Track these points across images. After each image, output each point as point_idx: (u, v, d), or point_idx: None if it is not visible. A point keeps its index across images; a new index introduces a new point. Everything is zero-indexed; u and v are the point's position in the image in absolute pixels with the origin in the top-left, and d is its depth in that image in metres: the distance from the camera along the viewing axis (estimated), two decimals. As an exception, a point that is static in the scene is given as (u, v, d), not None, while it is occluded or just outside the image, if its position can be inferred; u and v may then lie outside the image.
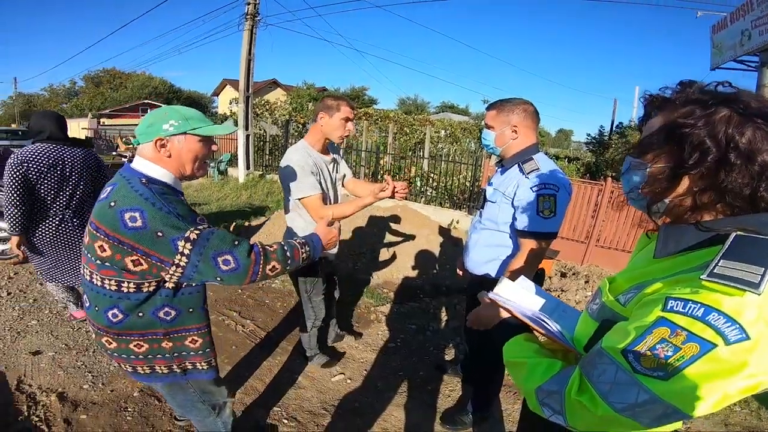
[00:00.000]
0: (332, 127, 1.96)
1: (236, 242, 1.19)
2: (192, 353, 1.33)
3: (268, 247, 1.26)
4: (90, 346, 2.57)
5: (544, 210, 1.52)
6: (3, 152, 3.91)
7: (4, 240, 3.78)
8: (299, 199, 1.94)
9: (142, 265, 1.14)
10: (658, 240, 0.75)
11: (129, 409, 2.05)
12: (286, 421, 2.07)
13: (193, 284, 1.26)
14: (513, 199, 1.62)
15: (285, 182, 1.97)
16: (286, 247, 1.29)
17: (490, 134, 1.70)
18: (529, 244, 1.60)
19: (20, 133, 12.22)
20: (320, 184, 1.98)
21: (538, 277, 1.83)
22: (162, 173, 1.22)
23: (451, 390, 2.44)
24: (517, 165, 1.64)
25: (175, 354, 1.31)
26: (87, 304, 1.26)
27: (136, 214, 1.09)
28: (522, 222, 1.59)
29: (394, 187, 1.91)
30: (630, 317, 0.71)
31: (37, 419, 1.95)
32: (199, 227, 1.15)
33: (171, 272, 1.14)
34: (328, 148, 2.13)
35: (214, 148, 1.32)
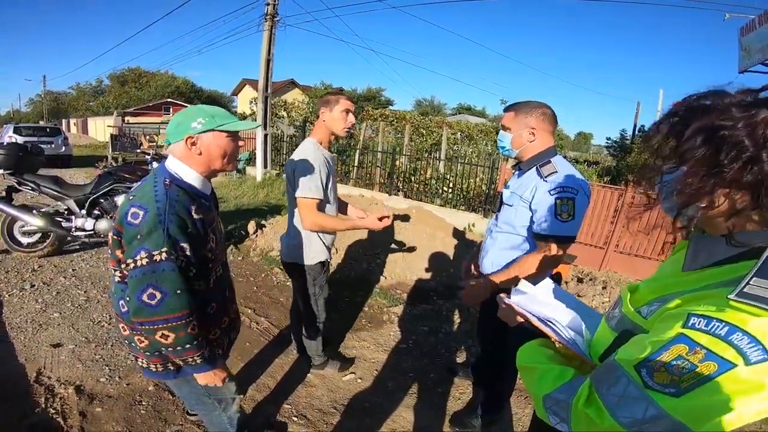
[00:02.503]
0: (334, 120, 1.97)
1: (179, 292, 1.15)
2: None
3: (187, 326, 1.18)
4: (109, 340, 2.63)
5: (562, 213, 1.50)
6: (31, 148, 4.05)
7: (30, 233, 3.93)
8: (299, 197, 1.92)
9: None
10: (687, 250, 0.72)
11: (143, 403, 2.10)
12: (296, 419, 2.08)
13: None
14: (531, 203, 1.60)
15: (296, 176, 1.93)
16: (195, 343, 1.21)
17: (507, 136, 1.68)
18: (546, 248, 1.58)
19: (48, 129, 12.63)
20: (326, 182, 1.98)
21: (555, 281, 1.81)
22: (189, 173, 1.27)
23: (461, 393, 2.41)
24: (534, 168, 1.62)
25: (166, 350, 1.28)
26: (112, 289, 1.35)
27: (141, 212, 1.14)
28: (540, 225, 1.57)
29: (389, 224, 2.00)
30: (650, 330, 0.69)
31: (53, 411, 2.00)
32: (172, 254, 1.13)
33: (121, 269, 1.21)
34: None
35: (240, 143, 1.35)
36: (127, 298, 1.16)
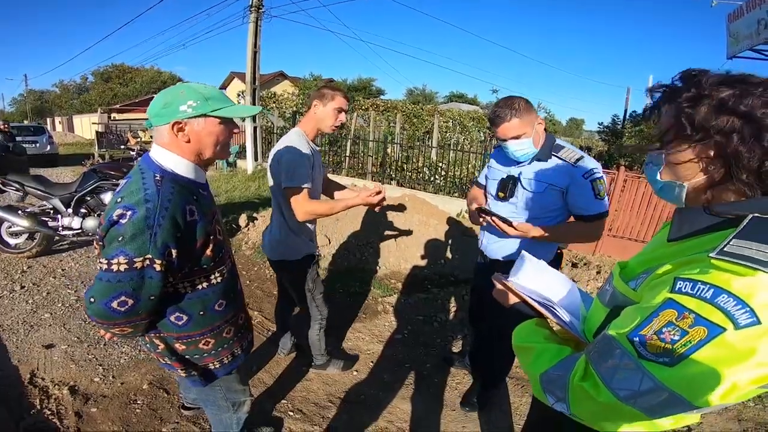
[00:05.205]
0: (325, 116, 1.90)
1: (152, 297, 1.06)
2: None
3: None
4: (101, 339, 2.60)
5: (599, 193, 1.63)
6: (13, 148, 3.95)
7: (17, 234, 3.86)
8: (286, 186, 1.82)
9: None
10: (672, 223, 0.74)
11: (138, 402, 2.08)
12: (292, 414, 2.08)
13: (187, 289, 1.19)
14: (567, 188, 1.66)
15: (281, 166, 1.84)
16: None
17: (526, 141, 1.63)
18: (592, 225, 1.69)
19: (32, 129, 12.37)
20: (311, 174, 1.90)
21: (558, 259, 1.91)
22: (180, 163, 1.13)
23: (457, 382, 2.42)
24: (553, 156, 1.68)
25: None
26: None
27: (127, 213, 1.01)
28: (583, 207, 1.67)
29: (384, 197, 1.90)
30: (640, 301, 0.69)
31: (49, 413, 1.97)
32: (156, 261, 1.02)
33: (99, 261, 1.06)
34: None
35: (235, 131, 1.21)
36: (92, 299, 1.02)
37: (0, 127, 7.97)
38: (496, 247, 1.90)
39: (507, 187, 1.79)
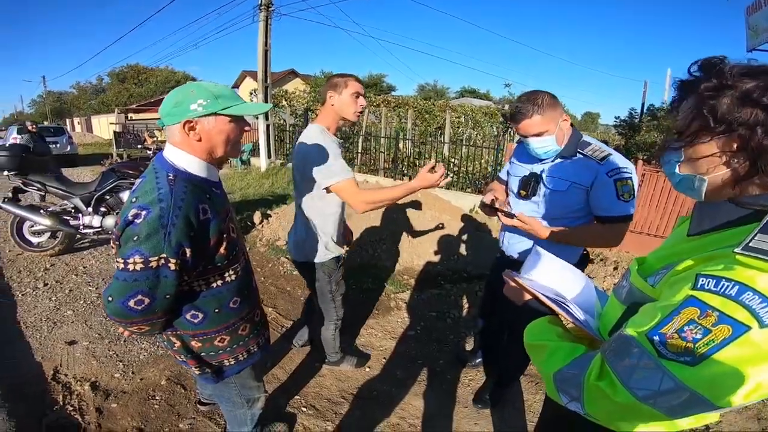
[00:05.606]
0: (344, 104, 1.83)
1: (167, 296, 1.08)
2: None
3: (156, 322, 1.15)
4: (121, 336, 2.66)
5: (624, 194, 1.53)
6: (34, 148, 4.07)
7: (39, 233, 3.97)
8: (330, 186, 1.75)
9: None
10: (692, 216, 0.72)
11: (156, 398, 2.12)
12: (305, 410, 2.10)
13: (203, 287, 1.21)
14: (590, 187, 1.58)
15: (313, 165, 1.76)
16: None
17: (549, 138, 1.55)
18: (611, 229, 1.61)
19: (52, 129, 12.68)
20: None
21: (583, 261, 1.82)
22: (192, 162, 1.14)
23: (470, 379, 2.41)
24: (578, 153, 1.60)
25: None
26: None
27: (142, 213, 1.02)
28: (604, 208, 1.58)
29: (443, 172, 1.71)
30: (659, 298, 0.68)
31: (71, 408, 2.03)
32: (171, 260, 1.04)
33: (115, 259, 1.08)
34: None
35: (246, 128, 1.21)
36: (110, 298, 1.04)
37: (29, 128, 8.20)
38: (516, 246, 1.84)
39: (529, 186, 1.70)
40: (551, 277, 0.98)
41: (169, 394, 2.15)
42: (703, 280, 0.58)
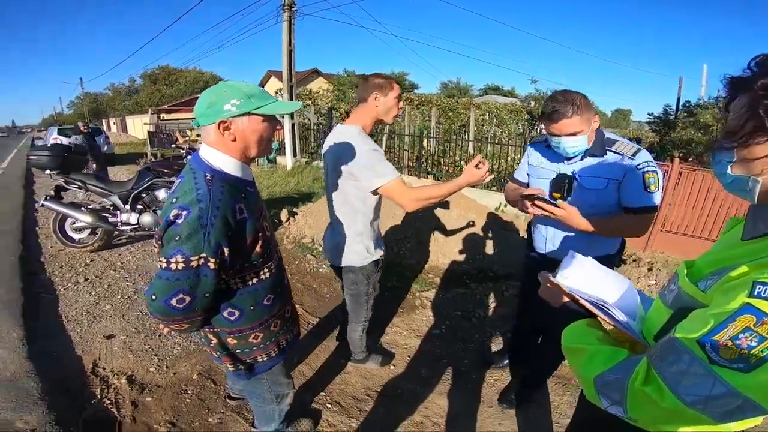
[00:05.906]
0: (387, 107, 1.81)
1: (207, 294, 1.11)
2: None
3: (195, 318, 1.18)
4: (157, 330, 2.75)
5: (650, 186, 1.59)
6: (74, 148, 4.29)
7: (80, 229, 4.18)
8: (380, 187, 1.72)
9: None
10: (747, 220, 0.70)
11: (188, 392, 2.19)
12: (330, 406, 2.13)
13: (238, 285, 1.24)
14: (622, 182, 1.63)
15: (353, 169, 1.73)
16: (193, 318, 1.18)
17: (582, 138, 1.58)
18: (638, 219, 1.64)
19: (90, 130, 13.22)
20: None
21: (619, 253, 1.86)
22: (228, 162, 1.16)
23: (495, 379, 2.38)
24: (608, 151, 1.63)
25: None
26: None
27: (183, 213, 1.05)
28: (632, 200, 1.62)
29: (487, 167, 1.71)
30: (711, 304, 0.66)
31: (108, 402, 2.10)
32: (210, 259, 1.06)
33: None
34: None
35: (278, 127, 1.23)
36: (153, 296, 1.08)
37: (81, 129, 8.60)
38: (549, 244, 1.83)
39: (563, 187, 1.64)
40: (589, 280, 0.96)
41: (200, 388, 2.22)
42: (760, 288, 0.57)
